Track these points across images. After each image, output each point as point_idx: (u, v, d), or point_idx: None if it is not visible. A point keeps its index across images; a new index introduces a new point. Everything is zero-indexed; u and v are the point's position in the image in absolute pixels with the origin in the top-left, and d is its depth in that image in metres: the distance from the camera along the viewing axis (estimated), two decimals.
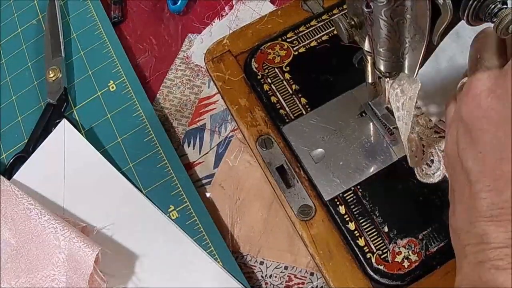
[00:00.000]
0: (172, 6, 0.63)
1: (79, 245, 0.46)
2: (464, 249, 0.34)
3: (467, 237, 0.33)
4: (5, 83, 0.62)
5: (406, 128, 0.42)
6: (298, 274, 0.49)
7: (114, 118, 0.57)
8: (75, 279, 0.46)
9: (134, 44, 0.63)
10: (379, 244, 0.45)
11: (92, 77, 0.60)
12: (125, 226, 0.50)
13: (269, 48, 0.55)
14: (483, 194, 0.32)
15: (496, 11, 0.30)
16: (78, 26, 0.63)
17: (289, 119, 0.51)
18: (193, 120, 0.57)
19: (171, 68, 0.61)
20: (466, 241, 0.34)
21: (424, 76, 0.49)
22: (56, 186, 0.53)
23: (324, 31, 0.55)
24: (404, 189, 0.47)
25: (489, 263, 0.31)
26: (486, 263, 0.31)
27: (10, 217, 0.49)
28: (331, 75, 0.53)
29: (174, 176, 0.52)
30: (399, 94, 0.41)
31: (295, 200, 0.48)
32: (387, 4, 0.32)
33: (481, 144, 0.32)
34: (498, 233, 0.31)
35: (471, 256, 0.33)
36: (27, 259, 0.48)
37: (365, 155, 0.48)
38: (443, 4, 0.31)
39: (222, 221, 0.51)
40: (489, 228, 0.31)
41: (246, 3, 0.63)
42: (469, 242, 0.33)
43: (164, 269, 0.48)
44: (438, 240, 0.44)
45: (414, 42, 0.35)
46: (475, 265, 0.32)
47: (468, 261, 0.33)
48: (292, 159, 0.50)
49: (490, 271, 0.31)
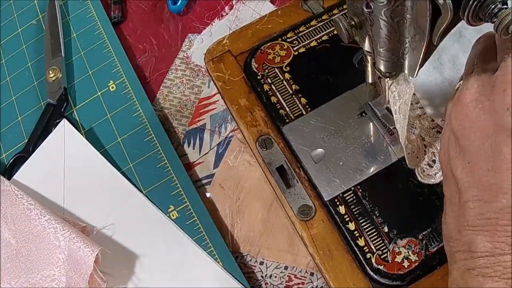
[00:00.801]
0: (172, 6, 0.63)
1: (79, 245, 0.46)
2: (453, 256, 0.35)
3: (456, 244, 0.34)
4: (5, 83, 0.62)
5: (403, 131, 0.42)
6: (298, 274, 0.49)
7: (114, 118, 0.57)
8: (75, 279, 0.46)
9: (134, 44, 0.63)
10: (379, 244, 0.45)
11: (92, 77, 0.60)
12: (125, 226, 0.50)
13: (269, 48, 0.55)
14: (471, 204, 0.32)
15: (496, 11, 0.30)
16: (78, 26, 0.63)
17: (289, 119, 0.51)
18: (193, 120, 0.57)
19: (171, 68, 0.61)
20: (455, 248, 0.34)
21: (426, 76, 0.49)
22: (56, 186, 0.53)
23: (324, 31, 0.55)
24: (404, 189, 0.47)
25: (476, 270, 0.32)
26: (474, 270, 0.32)
27: (10, 217, 0.49)
28: (331, 75, 0.53)
29: (174, 176, 0.52)
30: (396, 97, 0.41)
31: (295, 200, 0.48)
32: (387, 4, 0.32)
33: (469, 155, 0.33)
34: (485, 242, 0.31)
35: (460, 263, 0.34)
36: (27, 259, 0.48)
37: (365, 155, 0.48)
38: (443, 4, 0.31)
39: (222, 221, 0.51)
40: (477, 237, 0.32)
41: (246, 3, 0.63)
42: (458, 249, 0.34)
43: (164, 269, 0.48)
44: (438, 240, 0.44)
45: (414, 42, 0.35)
46: (463, 271, 0.33)
47: (457, 267, 0.34)
48: (292, 159, 0.50)
49: (477, 278, 0.32)
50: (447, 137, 0.35)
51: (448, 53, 0.49)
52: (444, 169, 0.36)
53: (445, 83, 0.49)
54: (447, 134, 0.35)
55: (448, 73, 0.49)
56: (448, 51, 0.49)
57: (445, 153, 0.35)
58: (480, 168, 0.32)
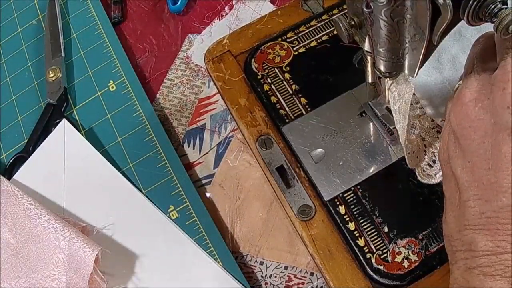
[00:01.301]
0: (172, 6, 0.63)
1: (79, 245, 0.46)
2: (454, 255, 0.34)
3: (457, 243, 0.34)
4: (5, 83, 0.62)
5: (402, 131, 0.42)
6: (298, 274, 0.49)
7: (114, 118, 0.57)
8: (75, 279, 0.46)
9: (134, 44, 0.63)
10: (379, 244, 0.45)
11: (92, 77, 0.60)
12: (125, 226, 0.50)
13: (269, 48, 0.55)
14: (471, 203, 0.32)
15: (496, 11, 0.30)
16: (78, 26, 0.63)
17: (289, 119, 0.51)
18: (193, 120, 0.57)
19: (171, 68, 0.61)
20: (456, 248, 0.34)
21: (426, 76, 0.49)
22: (56, 186, 0.53)
23: (324, 31, 0.55)
24: (404, 189, 0.47)
25: (478, 269, 0.32)
26: (475, 269, 0.32)
27: (10, 217, 0.49)
28: (331, 75, 0.53)
29: (174, 176, 0.52)
30: (396, 97, 0.41)
31: (295, 200, 0.48)
32: (387, 4, 0.32)
33: (469, 154, 0.33)
34: (486, 241, 0.31)
35: (460, 262, 0.34)
36: (27, 259, 0.48)
37: (365, 155, 0.48)
38: (443, 4, 0.31)
39: (222, 221, 0.51)
40: (477, 236, 0.32)
41: (246, 3, 0.63)
42: (459, 249, 0.34)
43: (164, 269, 0.48)
44: (438, 240, 0.44)
45: (414, 42, 0.35)
46: (464, 270, 0.33)
47: (458, 266, 0.34)
48: (292, 159, 0.50)
49: (479, 276, 0.32)
50: (446, 136, 0.35)
51: (448, 53, 0.49)
52: (444, 169, 0.36)
53: (445, 83, 0.49)
54: (447, 133, 0.35)
55: (448, 73, 0.49)
56: (448, 51, 0.49)
57: (444, 152, 0.35)
58: (480, 167, 0.32)
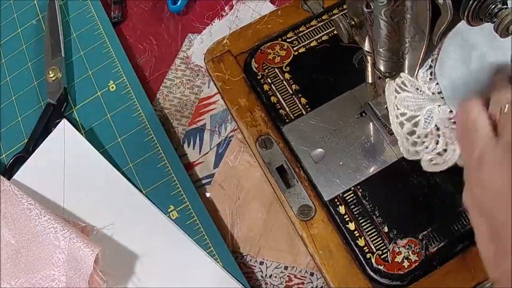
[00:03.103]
0: (172, 6, 0.63)
1: (79, 245, 0.46)
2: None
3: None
4: (5, 83, 0.62)
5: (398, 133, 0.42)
6: (298, 274, 0.49)
7: (114, 118, 0.57)
8: (75, 279, 0.46)
9: (134, 44, 0.63)
10: (379, 244, 0.45)
11: (92, 77, 0.60)
12: (125, 226, 0.50)
13: (269, 48, 0.55)
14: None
15: (496, 11, 0.30)
16: (78, 26, 0.63)
17: (289, 119, 0.51)
18: (193, 120, 0.57)
19: (171, 68, 0.61)
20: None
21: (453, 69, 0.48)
22: (56, 186, 0.53)
23: (324, 31, 0.55)
24: (404, 189, 0.47)
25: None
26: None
27: (10, 217, 0.49)
28: (331, 75, 0.53)
29: (174, 176, 0.52)
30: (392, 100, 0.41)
31: (295, 200, 0.48)
32: (387, 4, 0.32)
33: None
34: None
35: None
36: (27, 259, 0.48)
37: (365, 155, 0.48)
38: (443, 4, 0.31)
39: (222, 221, 0.51)
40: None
41: (246, 3, 0.63)
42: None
43: (164, 269, 0.48)
44: (438, 240, 0.44)
45: (414, 42, 0.35)
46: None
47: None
48: (292, 159, 0.50)
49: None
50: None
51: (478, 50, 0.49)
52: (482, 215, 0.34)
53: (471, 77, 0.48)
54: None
55: (474, 69, 0.48)
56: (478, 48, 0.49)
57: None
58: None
